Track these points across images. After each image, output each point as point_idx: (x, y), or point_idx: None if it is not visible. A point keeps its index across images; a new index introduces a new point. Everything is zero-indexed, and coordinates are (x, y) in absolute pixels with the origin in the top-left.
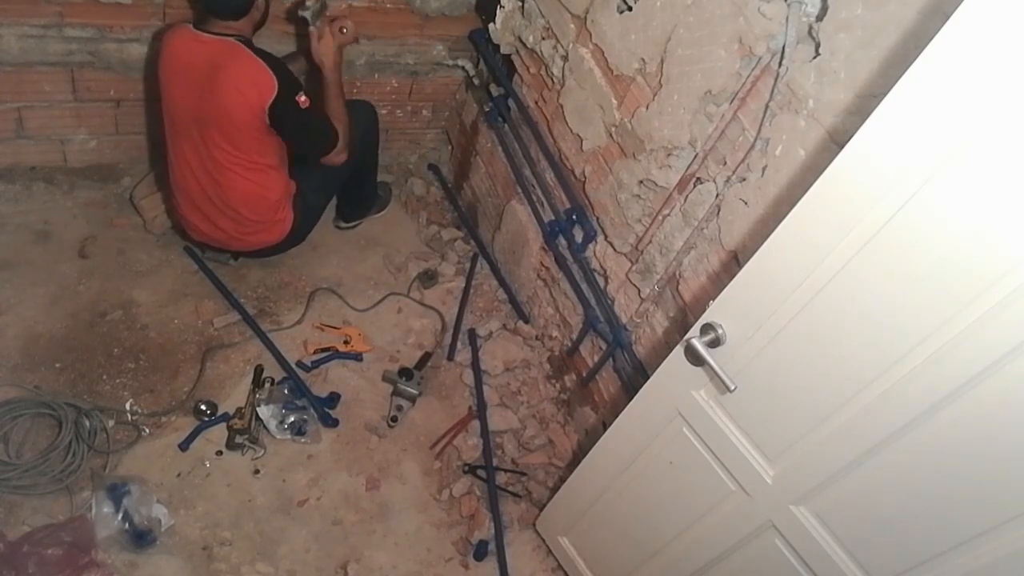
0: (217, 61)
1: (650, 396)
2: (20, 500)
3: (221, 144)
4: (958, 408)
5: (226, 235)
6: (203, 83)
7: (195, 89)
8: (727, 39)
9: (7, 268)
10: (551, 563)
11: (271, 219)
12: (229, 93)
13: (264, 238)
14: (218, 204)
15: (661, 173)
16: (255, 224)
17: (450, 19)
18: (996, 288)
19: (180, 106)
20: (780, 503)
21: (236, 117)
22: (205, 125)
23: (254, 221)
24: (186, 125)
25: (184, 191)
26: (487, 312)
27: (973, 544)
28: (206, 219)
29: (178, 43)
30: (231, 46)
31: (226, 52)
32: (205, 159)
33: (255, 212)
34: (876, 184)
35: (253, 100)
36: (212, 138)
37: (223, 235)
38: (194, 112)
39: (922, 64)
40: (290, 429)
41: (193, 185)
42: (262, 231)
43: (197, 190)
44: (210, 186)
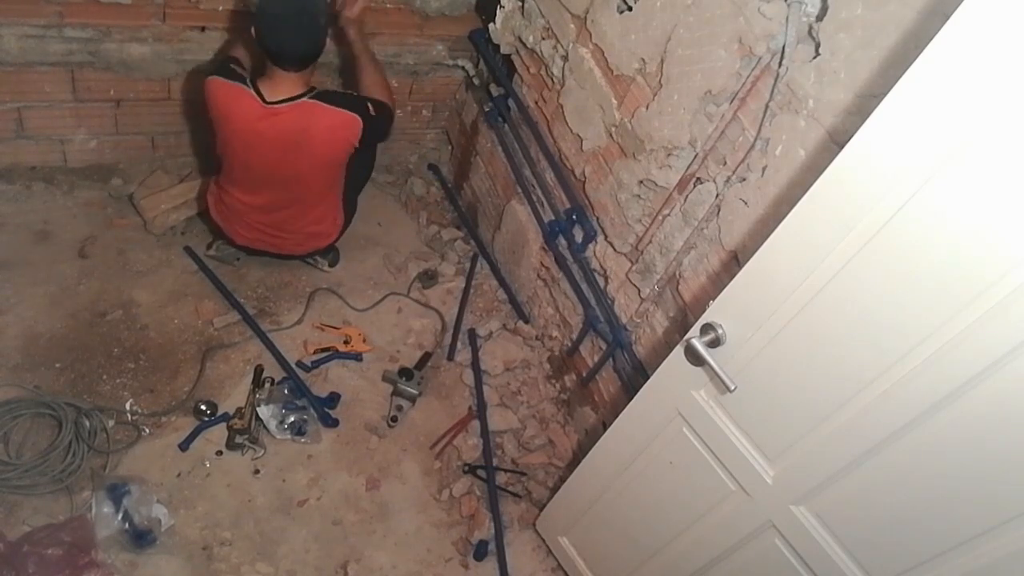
0: (300, 127)
1: (650, 396)
2: (20, 500)
3: (308, 191)
4: (958, 408)
5: (286, 243)
6: (289, 150)
7: (279, 155)
8: (727, 39)
9: (7, 268)
10: (551, 563)
11: (330, 231)
12: (322, 151)
13: (318, 244)
14: (286, 231)
15: (661, 173)
16: (316, 238)
17: (450, 19)
18: (996, 288)
19: (257, 169)
20: (780, 503)
21: (329, 164)
22: (293, 180)
23: (315, 236)
24: (268, 181)
25: (248, 221)
26: (487, 312)
27: (973, 544)
28: (265, 238)
29: (252, 119)
30: (309, 107)
31: (306, 115)
32: (285, 202)
33: (320, 230)
34: (876, 184)
35: (345, 146)
36: (299, 189)
37: (282, 243)
38: (281, 173)
39: (922, 64)
40: (290, 429)
41: (262, 219)
42: (320, 240)
43: (266, 222)
44: (283, 219)
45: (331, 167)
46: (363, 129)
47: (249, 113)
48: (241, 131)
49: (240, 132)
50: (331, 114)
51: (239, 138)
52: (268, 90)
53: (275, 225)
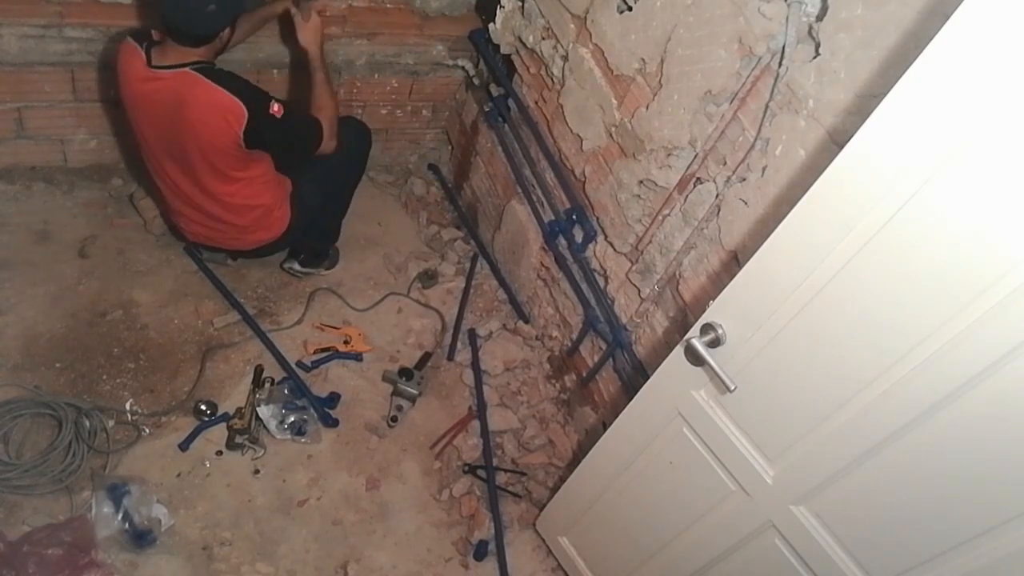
0: (178, 97)
1: (650, 396)
2: (20, 500)
3: (203, 170)
4: (958, 408)
5: (223, 236)
6: (170, 120)
7: (163, 125)
8: (727, 39)
9: (7, 268)
10: (551, 563)
11: (266, 222)
12: (198, 129)
13: (261, 237)
14: (210, 215)
15: (661, 173)
16: (251, 227)
17: (450, 19)
18: (996, 288)
19: (151, 139)
20: (780, 503)
21: (211, 148)
22: (182, 155)
23: (248, 226)
24: (163, 152)
25: (172, 203)
26: (487, 312)
27: (973, 544)
28: (200, 225)
29: (134, 80)
30: (189, 78)
31: (186, 86)
32: (190, 179)
33: (248, 219)
34: (876, 184)
35: (224, 130)
36: (192, 165)
37: (220, 236)
38: (166, 145)
39: (922, 64)
40: (290, 429)
41: (182, 199)
42: (259, 231)
43: (187, 203)
44: (200, 200)
45: (218, 153)
46: (249, 120)
47: (134, 73)
48: (126, 91)
49: (125, 93)
50: (210, 91)
51: (127, 100)
52: (157, 56)
53: (197, 213)
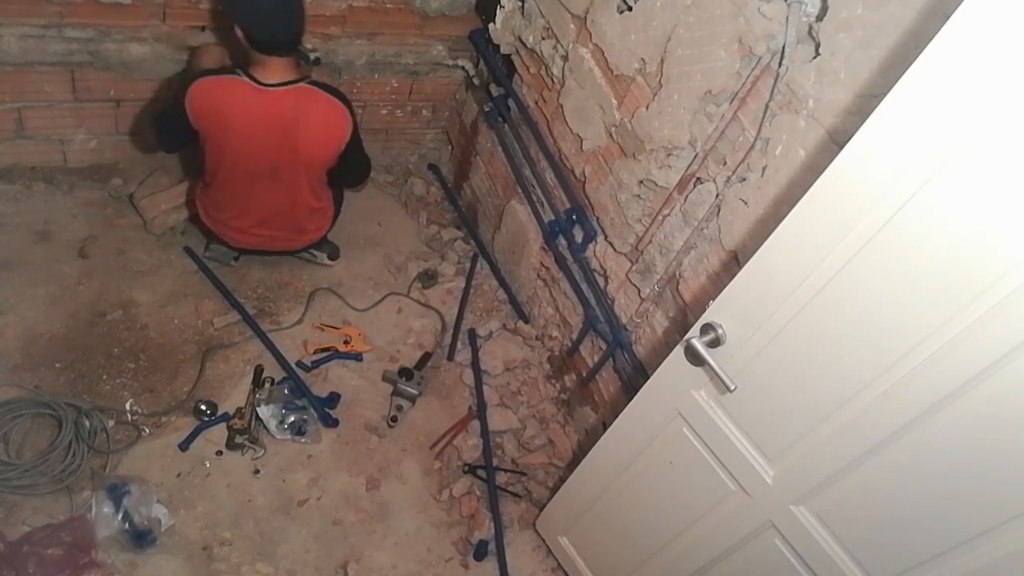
0: (298, 112)
1: (650, 396)
2: (20, 500)
3: (300, 181)
4: (958, 408)
5: (280, 242)
6: (283, 135)
7: (274, 140)
8: (727, 39)
9: (7, 268)
10: (551, 563)
11: (322, 222)
12: (312, 141)
13: (313, 237)
14: (286, 224)
15: (661, 173)
16: (312, 230)
17: (450, 19)
18: (996, 288)
19: (257, 158)
20: (780, 503)
21: (320, 158)
22: (285, 168)
23: (311, 229)
24: (262, 171)
25: (243, 223)
26: (487, 312)
27: (973, 544)
28: (263, 235)
29: (244, 104)
30: (307, 92)
31: (305, 100)
32: (281, 193)
33: (315, 223)
34: (876, 184)
35: (336, 140)
36: (294, 177)
37: (278, 242)
38: (274, 161)
39: (922, 64)
40: (290, 429)
41: (262, 214)
42: (315, 232)
43: (266, 217)
44: (284, 211)
45: (322, 163)
46: (352, 128)
47: (247, 98)
48: (240, 116)
49: (239, 118)
50: (326, 101)
51: (238, 125)
52: (262, 76)
53: (271, 222)
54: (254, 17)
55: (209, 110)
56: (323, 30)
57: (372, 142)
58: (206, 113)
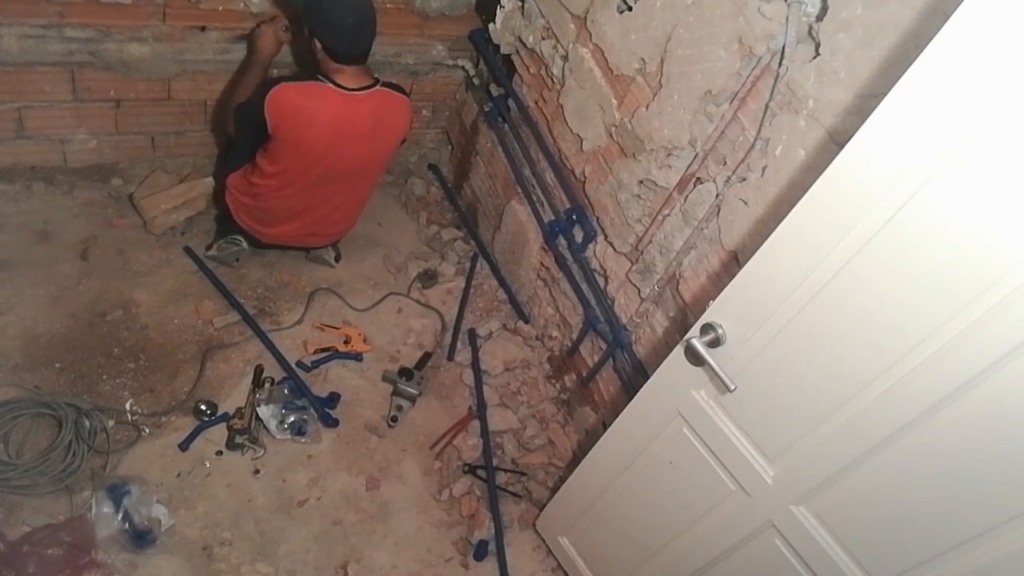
0: (379, 113)
1: (650, 396)
2: (20, 500)
3: (372, 179)
4: (958, 408)
5: (318, 241)
6: (367, 136)
7: (364, 144)
8: (727, 39)
9: (7, 268)
10: (551, 563)
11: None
12: (391, 139)
13: (340, 235)
14: (337, 224)
15: (661, 173)
16: (348, 227)
17: (450, 19)
18: (996, 288)
19: (343, 161)
20: (780, 503)
21: (391, 153)
22: (361, 170)
23: (343, 231)
24: (344, 173)
25: (301, 220)
26: (487, 312)
27: (973, 544)
28: (310, 236)
29: (334, 108)
30: (384, 94)
31: (383, 102)
32: (349, 193)
33: (351, 224)
34: (876, 184)
35: (401, 133)
36: (364, 177)
37: (314, 242)
38: (360, 162)
39: (922, 64)
40: (290, 429)
41: (320, 215)
42: (343, 232)
43: (319, 217)
44: (339, 214)
45: (391, 155)
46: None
47: (335, 103)
48: (327, 121)
49: (326, 123)
50: (398, 100)
51: (324, 129)
52: (344, 82)
53: (321, 222)
54: (335, 33)
55: (292, 112)
56: None
57: None
58: (288, 114)
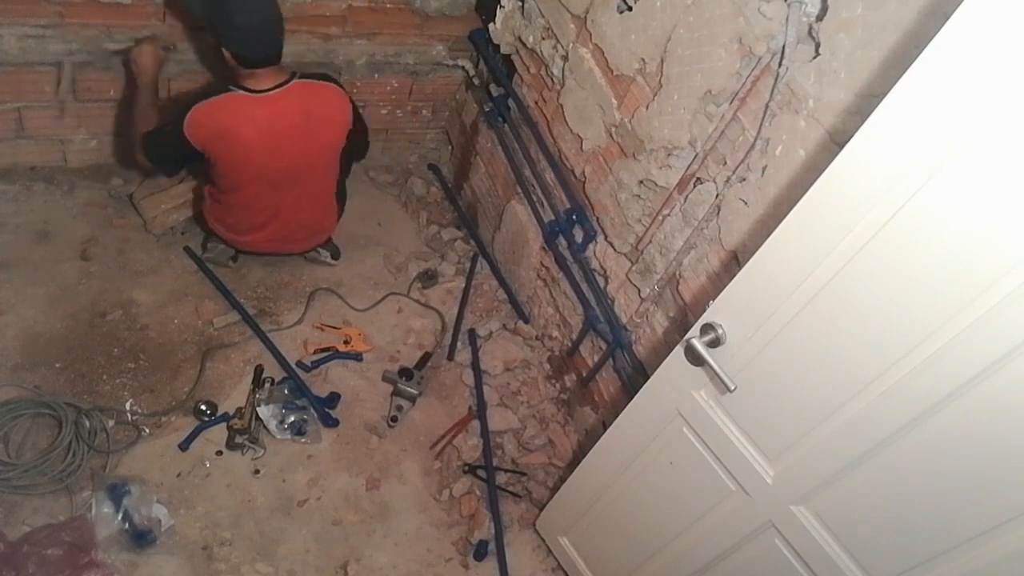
0: (305, 105)
1: (650, 396)
2: (20, 500)
3: (319, 175)
4: (958, 408)
5: (299, 247)
6: (301, 132)
7: (294, 142)
8: (727, 39)
9: (7, 268)
10: (551, 563)
11: (333, 222)
12: (326, 127)
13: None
14: (308, 227)
15: (661, 173)
16: (322, 232)
17: (450, 19)
18: (996, 288)
19: (279, 165)
20: (780, 503)
21: (336, 142)
22: (307, 167)
23: (321, 230)
24: (286, 177)
25: (270, 229)
26: (487, 312)
27: (973, 544)
28: (287, 242)
29: (253, 115)
30: (303, 85)
31: (306, 92)
32: (305, 196)
33: (330, 220)
34: (876, 184)
35: (342, 121)
36: (314, 174)
37: (296, 247)
38: (296, 162)
39: (922, 64)
40: (290, 429)
41: (286, 223)
42: (325, 233)
43: (285, 223)
44: (304, 216)
45: (334, 149)
46: (350, 101)
47: (253, 110)
48: (251, 130)
49: (250, 132)
50: (320, 87)
51: (251, 138)
52: (257, 85)
53: (290, 226)
54: (241, 39)
55: (215, 133)
56: (323, 30)
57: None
58: (213, 137)
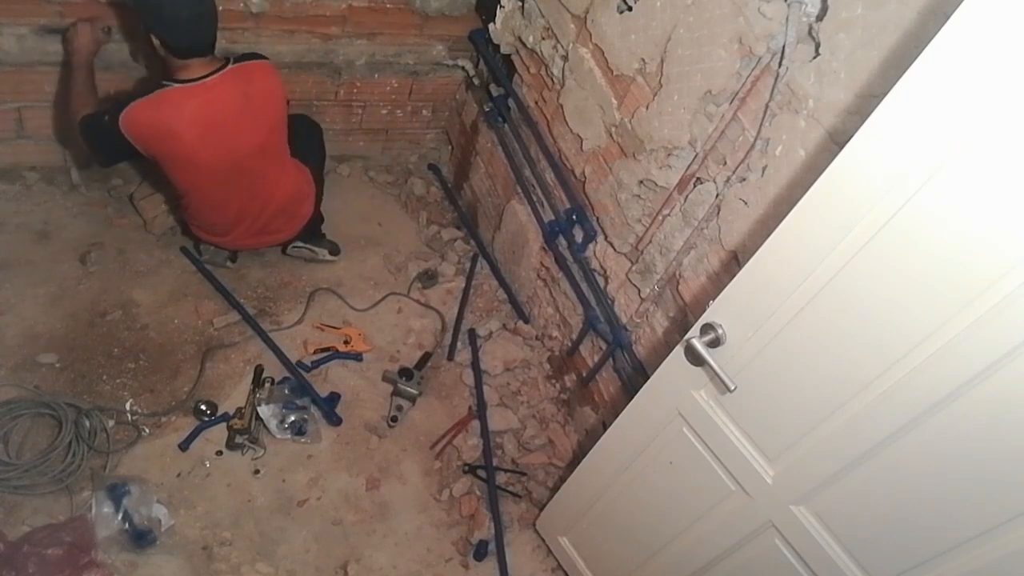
0: (242, 87)
1: (650, 396)
2: (20, 500)
3: (272, 157)
4: (958, 408)
5: (280, 236)
6: (245, 115)
7: (241, 126)
8: (727, 39)
9: (7, 268)
10: (551, 563)
11: (307, 194)
12: (269, 103)
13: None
14: (274, 215)
15: (661, 173)
16: (300, 205)
17: (450, 19)
18: (996, 288)
19: (232, 153)
20: (780, 503)
21: (280, 119)
22: (258, 152)
23: (299, 205)
24: (240, 164)
25: (239, 223)
26: (487, 312)
27: (973, 544)
28: (264, 233)
29: (194, 107)
30: (236, 69)
31: (241, 75)
32: (260, 182)
33: (304, 202)
34: (876, 184)
35: (281, 96)
36: (267, 157)
37: (277, 238)
38: (248, 146)
39: (922, 64)
40: (290, 429)
41: (252, 213)
42: (303, 205)
43: (256, 214)
44: (269, 203)
45: (281, 124)
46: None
47: (192, 100)
48: (193, 122)
49: (193, 124)
50: (252, 66)
51: (196, 131)
52: (191, 75)
53: (262, 216)
54: (172, 27)
55: (156, 133)
56: (323, 30)
57: (372, 142)
58: (154, 137)
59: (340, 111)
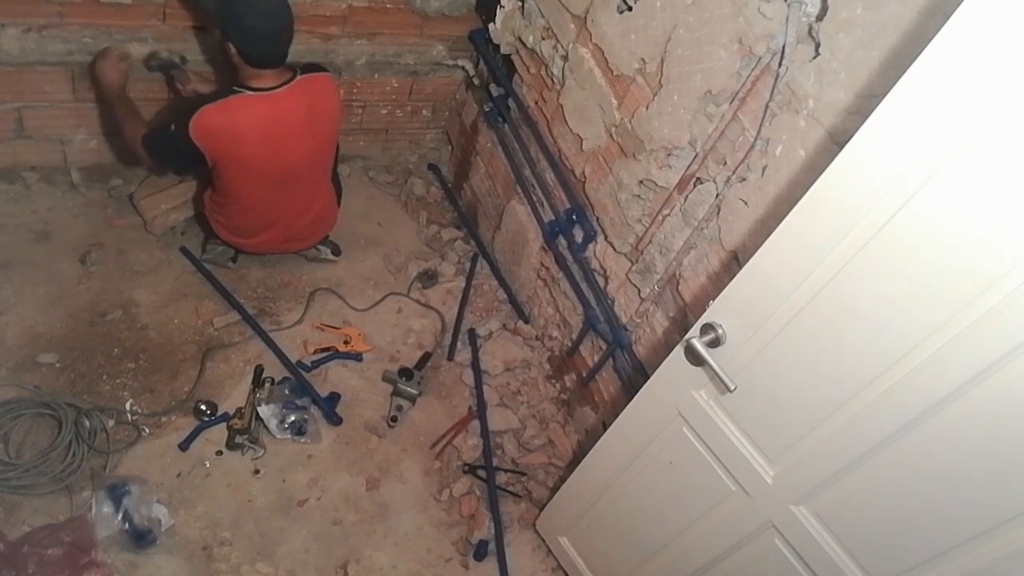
0: (309, 101)
1: (650, 396)
2: (20, 500)
3: (320, 169)
4: (958, 408)
5: (304, 244)
6: (308, 129)
7: (303, 139)
8: (727, 39)
9: (7, 268)
10: (551, 563)
11: (334, 213)
12: (333, 117)
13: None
14: (307, 224)
15: (661, 173)
16: (325, 224)
17: (450, 19)
18: (996, 288)
19: (288, 163)
20: (780, 503)
21: (334, 138)
22: (312, 165)
23: (325, 222)
24: (294, 175)
25: (276, 229)
26: (487, 312)
27: (973, 544)
28: (292, 241)
29: (263, 115)
30: (305, 81)
31: (308, 88)
32: (303, 191)
33: (332, 214)
34: (876, 184)
35: (338, 114)
36: (315, 169)
37: (301, 245)
38: (305, 159)
39: (922, 64)
40: (290, 429)
41: (286, 220)
42: (328, 226)
43: (290, 221)
44: (305, 213)
45: (334, 141)
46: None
47: (261, 109)
48: (260, 129)
49: (259, 132)
50: (320, 80)
51: (260, 138)
52: (263, 84)
53: (296, 225)
54: (250, 39)
55: (224, 135)
56: (323, 30)
57: (372, 142)
58: (222, 139)
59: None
